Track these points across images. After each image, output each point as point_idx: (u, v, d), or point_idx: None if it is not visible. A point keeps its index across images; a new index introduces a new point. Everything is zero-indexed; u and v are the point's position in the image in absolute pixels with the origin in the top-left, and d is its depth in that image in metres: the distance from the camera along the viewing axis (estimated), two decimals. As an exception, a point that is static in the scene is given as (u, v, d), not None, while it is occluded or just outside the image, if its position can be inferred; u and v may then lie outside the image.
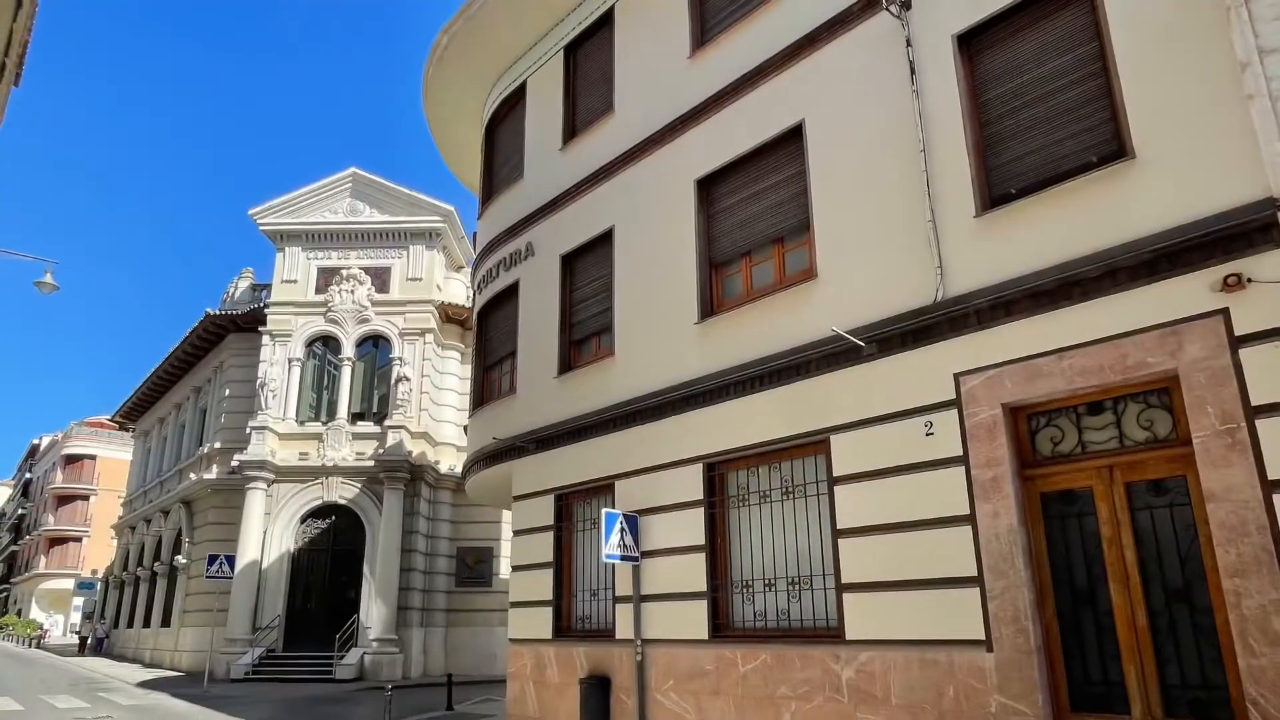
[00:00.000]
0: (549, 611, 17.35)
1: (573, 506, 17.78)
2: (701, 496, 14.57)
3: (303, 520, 35.34)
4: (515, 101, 22.47)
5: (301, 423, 36.55)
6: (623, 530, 14.91)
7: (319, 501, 35.28)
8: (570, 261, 18.86)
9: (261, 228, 38.89)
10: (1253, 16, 9.44)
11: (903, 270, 12.16)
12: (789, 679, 12.60)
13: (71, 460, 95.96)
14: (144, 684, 30.84)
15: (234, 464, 35.42)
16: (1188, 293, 9.51)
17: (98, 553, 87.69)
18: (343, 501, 35.11)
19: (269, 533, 34.65)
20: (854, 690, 11.80)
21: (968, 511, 10.93)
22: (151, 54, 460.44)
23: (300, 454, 35.65)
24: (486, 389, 21.73)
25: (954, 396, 11.32)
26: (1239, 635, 8.72)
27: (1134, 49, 10.34)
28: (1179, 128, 9.81)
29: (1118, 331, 9.96)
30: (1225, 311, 9.22)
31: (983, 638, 10.59)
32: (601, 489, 16.73)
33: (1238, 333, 9.11)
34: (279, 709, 23.82)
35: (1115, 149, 10.42)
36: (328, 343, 37.74)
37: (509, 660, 18.19)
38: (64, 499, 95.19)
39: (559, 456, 17.77)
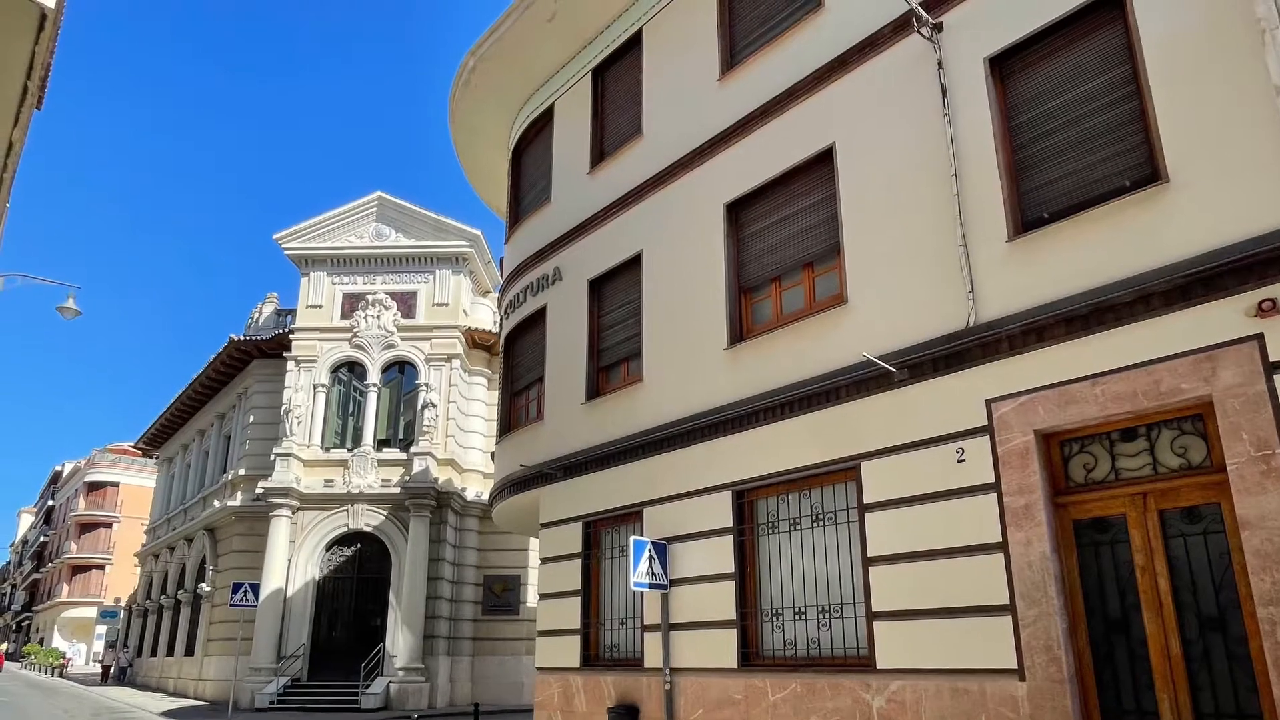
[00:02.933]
0: (577, 640, 17.29)
1: (601, 534, 17.73)
2: (731, 524, 14.52)
3: (328, 548, 35.21)
4: (543, 124, 22.57)
5: (327, 449, 36.51)
6: (651, 558, 14.87)
7: (344, 529, 35.14)
8: (598, 286, 18.89)
9: (286, 252, 38.88)
10: (1287, 41, 9.42)
11: (934, 295, 12.14)
12: (819, 708, 12.51)
13: (94, 487, 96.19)
14: (167, 713, 30.87)
15: (258, 491, 35.40)
16: (1222, 318, 9.45)
17: (121, 580, 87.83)
18: (368, 529, 34.98)
19: (294, 560, 34.54)
20: None
21: (999, 539, 10.87)
22: (175, 76, 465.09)
23: (325, 481, 35.62)
24: (513, 415, 21.75)
25: (986, 423, 11.27)
26: (1274, 664, 8.65)
27: (1167, 72, 10.33)
28: (1213, 151, 9.78)
29: (1151, 357, 9.91)
30: (1260, 337, 9.17)
31: (1015, 666, 10.51)
32: (630, 516, 16.68)
33: (1272, 358, 9.06)
34: (304, 737, 23.81)
35: (1149, 173, 10.40)
36: (353, 368, 37.70)
37: (536, 689, 18.11)
38: (87, 526, 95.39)
39: (587, 483, 17.74)
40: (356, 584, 35.26)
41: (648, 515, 16.07)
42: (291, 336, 37.88)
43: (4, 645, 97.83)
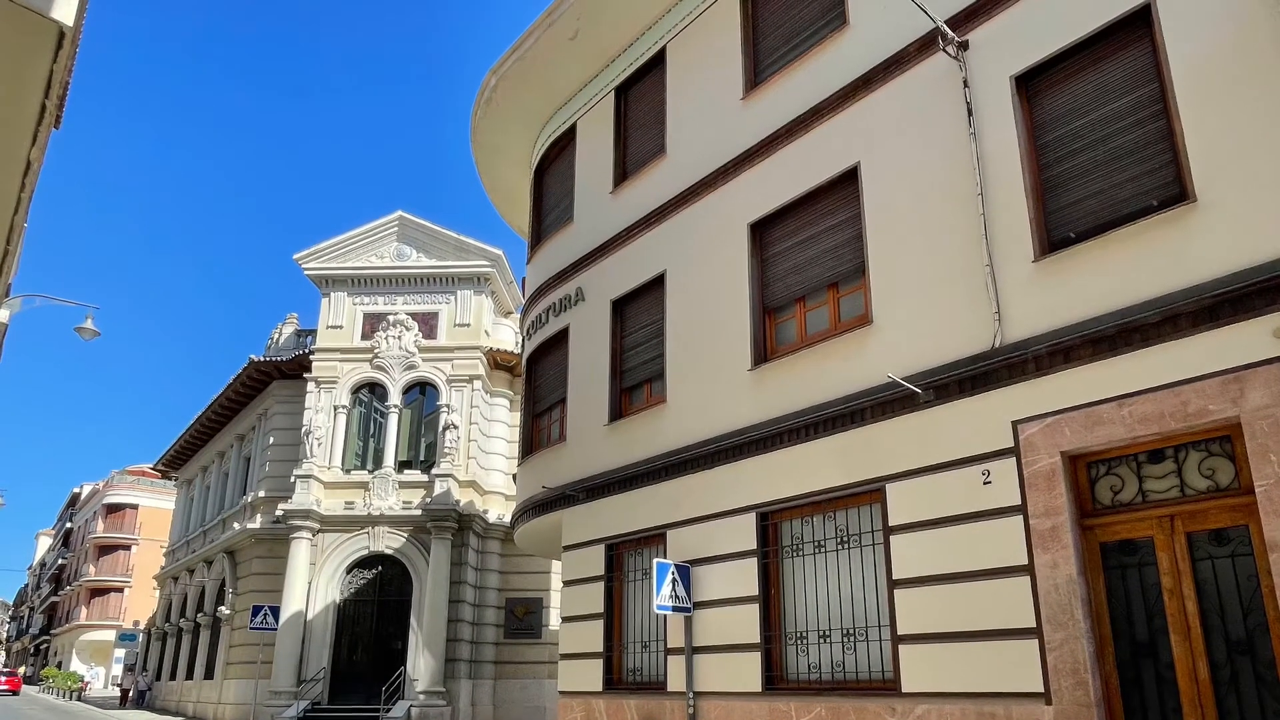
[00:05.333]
0: (599, 663, 17.22)
1: (623, 556, 17.68)
2: (755, 546, 14.46)
3: (348, 570, 35.10)
4: (565, 144, 22.62)
5: (347, 471, 36.39)
6: (674, 581, 14.81)
7: (365, 551, 35.00)
8: (621, 307, 18.88)
9: (306, 272, 38.84)
10: (1315, 61, 9.40)
11: (960, 316, 12.11)
12: (845, 731, 12.45)
13: (113, 509, 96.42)
14: (188, 735, 30.87)
15: (278, 513, 35.29)
16: (1250, 339, 9.40)
17: (139, 603, 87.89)
18: (389, 551, 34.86)
19: (314, 583, 34.43)
20: (912, 743, 11.65)
21: (1026, 562, 10.80)
22: (196, 96, 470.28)
23: (346, 503, 35.48)
24: (535, 437, 21.74)
25: (1012, 444, 11.21)
26: (1304, 688, 8.58)
27: (1195, 91, 10.30)
28: (1241, 170, 9.75)
29: (1178, 378, 9.85)
30: (1288, 358, 9.11)
31: (1041, 690, 10.43)
32: (653, 539, 16.64)
33: (1302, 379, 9.00)
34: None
35: (1176, 192, 10.36)
36: (374, 389, 37.62)
37: (559, 713, 18.05)
38: (105, 549, 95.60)
39: (609, 505, 17.70)
40: (377, 607, 35.13)
41: (671, 537, 16.02)
42: (312, 357, 37.85)
43: (22, 669, 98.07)
